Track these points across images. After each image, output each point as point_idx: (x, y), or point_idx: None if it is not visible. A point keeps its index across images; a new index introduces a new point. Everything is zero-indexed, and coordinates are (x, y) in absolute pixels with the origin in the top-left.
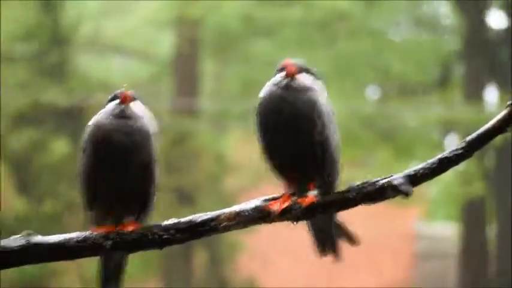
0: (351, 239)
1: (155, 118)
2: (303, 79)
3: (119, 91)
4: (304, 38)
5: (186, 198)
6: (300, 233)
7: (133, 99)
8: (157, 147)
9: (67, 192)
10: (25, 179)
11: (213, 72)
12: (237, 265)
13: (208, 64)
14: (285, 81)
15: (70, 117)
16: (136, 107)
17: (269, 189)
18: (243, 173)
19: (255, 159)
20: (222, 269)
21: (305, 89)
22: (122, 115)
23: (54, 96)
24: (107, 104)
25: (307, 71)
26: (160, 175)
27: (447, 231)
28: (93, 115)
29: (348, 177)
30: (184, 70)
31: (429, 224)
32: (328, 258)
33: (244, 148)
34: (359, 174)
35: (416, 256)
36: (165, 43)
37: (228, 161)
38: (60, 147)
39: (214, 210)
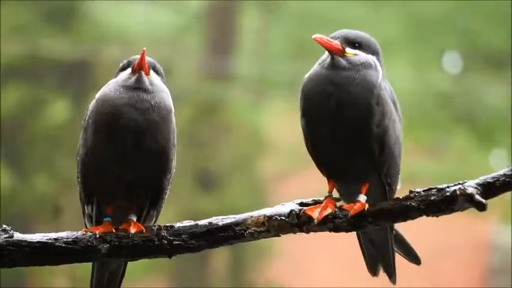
0: (412, 256)
1: (181, 81)
2: (355, 54)
3: (133, 57)
4: None
5: (210, 183)
6: (346, 236)
7: (153, 68)
8: (176, 129)
9: (64, 168)
10: (14, 147)
11: (255, 28)
12: (262, 268)
13: (249, 18)
14: (328, 60)
15: (75, 75)
16: (155, 79)
17: (313, 177)
18: (283, 155)
19: (299, 138)
20: (245, 272)
21: (359, 67)
22: (136, 86)
23: (58, 46)
24: (118, 73)
25: (358, 44)
26: (179, 157)
27: None
28: (104, 73)
29: (414, 168)
30: (219, 24)
31: (508, 232)
32: (381, 278)
33: (287, 124)
34: (428, 165)
35: (490, 270)
36: None
37: (266, 140)
38: (59, 111)
39: (243, 199)
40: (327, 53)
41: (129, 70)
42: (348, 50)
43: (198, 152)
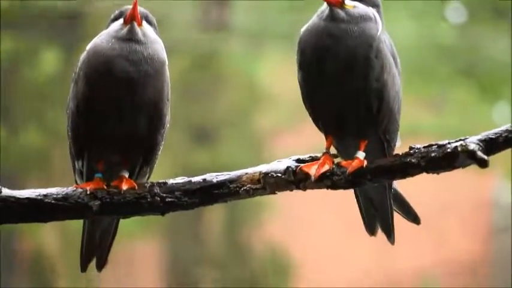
0: (411, 216)
1: (175, 32)
2: (355, 7)
3: (125, 7)
4: None
5: (205, 137)
6: (345, 193)
7: (145, 19)
8: (170, 82)
9: (55, 121)
10: (3, 100)
11: None
12: (258, 226)
13: None
14: (328, 11)
15: (66, 25)
16: (148, 30)
17: (311, 131)
18: (280, 108)
19: (296, 92)
20: (241, 233)
21: (358, 20)
22: (129, 37)
23: None
24: (109, 24)
25: None
26: (173, 110)
27: None
28: (96, 24)
29: (415, 122)
30: None
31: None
32: (379, 237)
33: (285, 77)
34: (429, 119)
35: (493, 228)
36: None
37: (263, 93)
38: (50, 62)
39: (239, 154)
40: (325, 4)
41: (121, 21)
42: (347, 1)
43: (193, 105)
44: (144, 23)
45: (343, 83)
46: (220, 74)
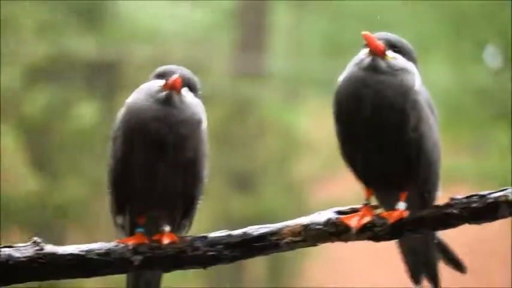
0: (456, 264)
1: (212, 80)
2: (395, 58)
3: (171, 67)
4: None
5: (244, 185)
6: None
7: (187, 83)
8: (207, 139)
9: (93, 171)
10: (41, 151)
11: (287, 25)
12: (301, 271)
13: (281, 15)
14: (368, 60)
15: (103, 75)
16: (187, 95)
17: (350, 179)
18: (319, 155)
19: (334, 138)
20: (283, 280)
21: (398, 71)
22: (167, 103)
23: (84, 45)
24: (151, 78)
25: (399, 49)
26: (212, 157)
27: None
28: (133, 73)
29: (454, 166)
30: (251, 21)
31: None
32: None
33: (322, 124)
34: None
35: None
36: None
37: (301, 140)
38: (87, 112)
39: (278, 202)
40: (364, 53)
41: (162, 82)
42: (389, 53)
43: (231, 153)
44: (184, 89)
45: (379, 135)
46: (259, 120)
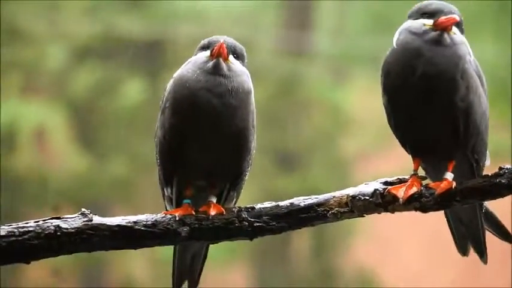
0: (503, 234)
1: (259, 58)
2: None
3: (214, 38)
4: None
5: (290, 163)
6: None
7: (233, 52)
8: (255, 110)
9: (141, 149)
10: (88, 130)
11: (334, 2)
12: (346, 250)
13: None
14: (435, 34)
15: (149, 54)
16: (234, 63)
17: (397, 156)
18: (365, 133)
19: (381, 116)
20: (329, 256)
21: (456, 45)
22: (215, 72)
23: (130, 24)
24: (197, 52)
25: (458, 23)
26: (257, 136)
27: None
28: (179, 52)
29: (498, 143)
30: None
31: None
32: (471, 257)
33: (369, 101)
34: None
35: None
36: None
37: (347, 117)
38: (134, 90)
39: (325, 180)
40: (424, 22)
41: (207, 52)
42: (454, 28)
43: (278, 131)
44: (230, 57)
45: (429, 104)
46: (305, 99)
